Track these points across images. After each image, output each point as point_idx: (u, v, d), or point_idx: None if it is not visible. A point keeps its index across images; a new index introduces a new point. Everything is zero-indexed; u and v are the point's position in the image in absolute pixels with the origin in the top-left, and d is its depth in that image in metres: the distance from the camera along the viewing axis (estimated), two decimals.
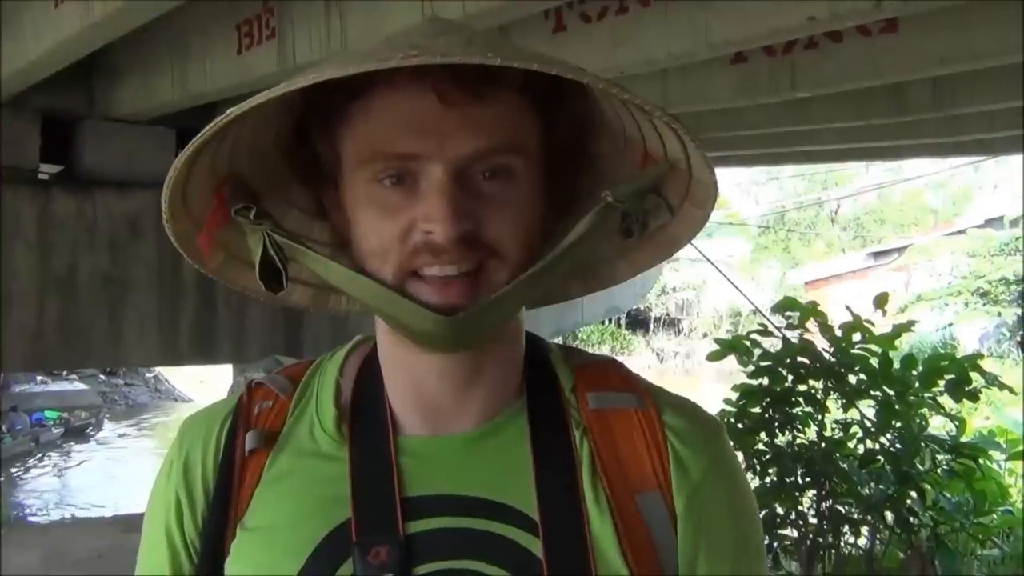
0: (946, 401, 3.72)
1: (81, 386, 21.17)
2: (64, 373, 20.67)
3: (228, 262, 0.89)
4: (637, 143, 0.83)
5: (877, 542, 3.89)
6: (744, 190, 33.68)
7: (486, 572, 0.78)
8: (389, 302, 0.77)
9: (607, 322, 25.13)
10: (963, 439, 3.81)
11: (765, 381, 3.83)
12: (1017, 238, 19.33)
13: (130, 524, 6.55)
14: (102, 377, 22.84)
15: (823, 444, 3.79)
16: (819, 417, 3.81)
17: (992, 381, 3.69)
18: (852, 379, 3.75)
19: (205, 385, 21.39)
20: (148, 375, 23.88)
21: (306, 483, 0.83)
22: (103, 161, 6.35)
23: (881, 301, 3.88)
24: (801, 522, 3.79)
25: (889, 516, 3.74)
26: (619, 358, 0.96)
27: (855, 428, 3.79)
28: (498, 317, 0.79)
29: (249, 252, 0.83)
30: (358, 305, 0.93)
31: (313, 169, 0.84)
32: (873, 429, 3.71)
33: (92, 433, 19.18)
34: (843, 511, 3.81)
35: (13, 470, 15.73)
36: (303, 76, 0.69)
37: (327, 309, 0.97)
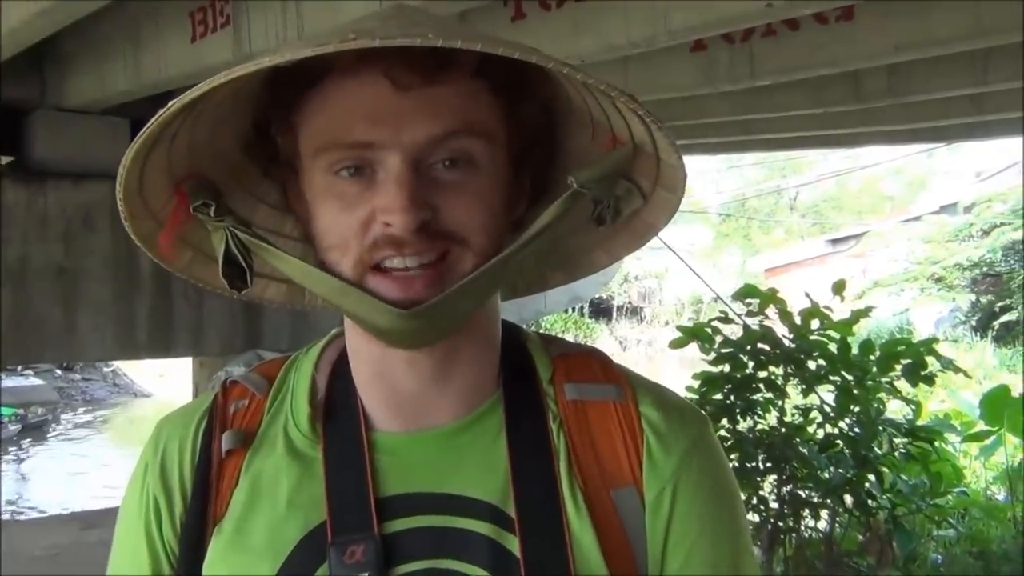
0: (903, 385, 3.78)
1: (37, 381, 20.82)
2: (19, 368, 20.30)
3: (196, 260, 0.87)
4: (604, 127, 0.81)
5: (837, 525, 3.94)
6: (706, 178, 33.93)
7: (463, 571, 0.77)
8: (348, 297, 0.75)
9: (570, 311, 25.21)
10: (919, 423, 3.88)
11: (726, 368, 3.86)
12: (971, 224, 19.69)
13: (87, 521, 6.46)
14: (59, 372, 22.47)
15: (783, 429, 3.83)
16: (779, 403, 3.86)
17: (947, 365, 3.75)
18: (811, 365, 3.80)
19: (164, 379, 21.14)
20: (106, 369, 23.53)
21: (282, 484, 0.81)
22: (55, 152, 6.22)
23: (839, 287, 3.93)
24: (762, 506, 3.83)
25: (848, 499, 3.79)
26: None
27: (814, 413, 3.84)
28: (462, 309, 0.76)
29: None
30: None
31: (275, 162, 0.83)
32: (832, 414, 3.76)
33: (49, 429, 18.89)
34: (803, 495, 3.86)
35: None
36: (242, 66, 0.67)
37: (303, 305, 0.95)
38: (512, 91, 0.78)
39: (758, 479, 3.79)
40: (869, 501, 3.69)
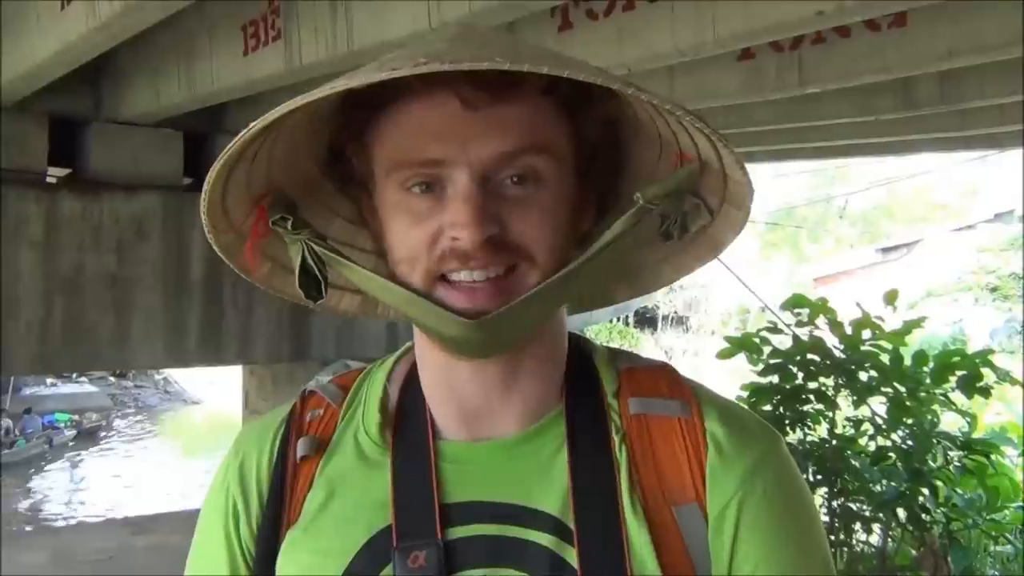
0: (957, 397, 3.70)
1: (91, 388, 21.30)
2: (74, 375, 20.77)
3: (275, 272, 0.91)
4: (671, 143, 0.82)
5: (890, 539, 3.86)
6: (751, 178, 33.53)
7: None
8: (418, 307, 0.77)
9: (616, 320, 25.11)
10: (975, 435, 3.79)
11: (775, 379, 3.81)
12: None
13: (139, 526, 6.58)
14: (111, 379, 22.96)
15: (834, 441, 3.77)
16: (830, 414, 3.80)
17: (1003, 376, 3.66)
18: (863, 376, 3.73)
19: (214, 387, 21.46)
20: (157, 377, 23.98)
21: (352, 489, 0.85)
22: (109, 163, 6.37)
23: (891, 297, 3.86)
24: None
25: (901, 513, 3.72)
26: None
27: (866, 425, 3.77)
28: (527, 321, 0.79)
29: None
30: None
31: (350, 181, 0.86)
32: (884, 426, 3.69)
33: (102, 435, 19.27)
34: (855, 508, 3.80)
35: (29, 472, 15.81)
36: (318, 90, 0.70)
37: (376, 316, 0.98)
38: (578, 108, 0.80)
39: (807, 488, 3.74)
40: (923, 515, 3.62)
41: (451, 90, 0.73)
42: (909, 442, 3.65)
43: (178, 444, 19.13)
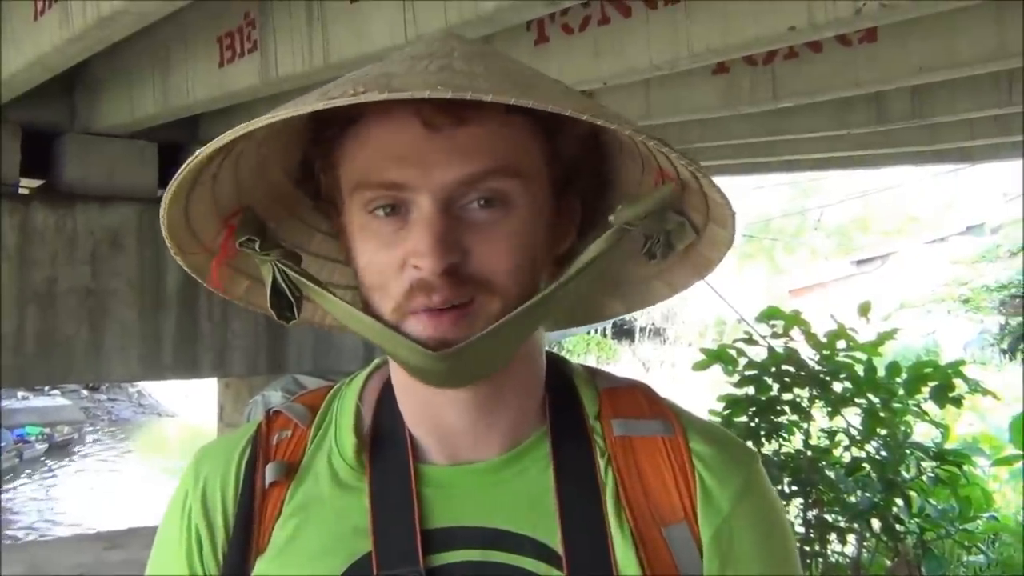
0: (930, 408, 3.73)
1: (63, 401, 21.01)
2: (46, 388, 20.49)
3: (254, 289, 0.88)
4: (652, 161, 0.81)
5: (864, 550, 3.89)
6: (729, 199, 33.72)
7: None
8: (387, 339, 0.76)
9: (593, 331, 25.13)
10: (947, 446, 3.83)
11: (751, 390, 3.84)
12: (998, 245, 19.49)
13: (112, 541, 6.50)
14: (85, 392, 22.67)
15: (809, 452, 3.80)
16: (805, 425, 3.83)
17: (976, 387, 3.71)
18: (837, 387, 3.77)
19: (189, 400, 21.25)
20: (131, 390, 23.71)
21: (327, 515, 0.82)
22: (84, 175, 6.30)
23: (864, 309, 3.90)
24: None
25: (876, 523, 3.75)
26: (604, 368, 0.95)
27: (841, 436, 3.81)
28: (495, 351, 0.76)
29: None
30: None
31: (320, 197, 0.85)
32: (859, 437, 3.73)
33: (75, 449, 19.02)
34: (830, 519, 3.82)
35: (1, 486, 15.57)
36: (268, 115, 0.69)
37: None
38: (551, 125, 0.78)
39: (784, 503, 3.76)
40: (897, 526, 3.65)
41: (413, 110, 0.72)
42: (883, 453, 3.68)
43: (152, 457, 18.93)
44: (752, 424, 3.78)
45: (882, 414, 3.65)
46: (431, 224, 0.72)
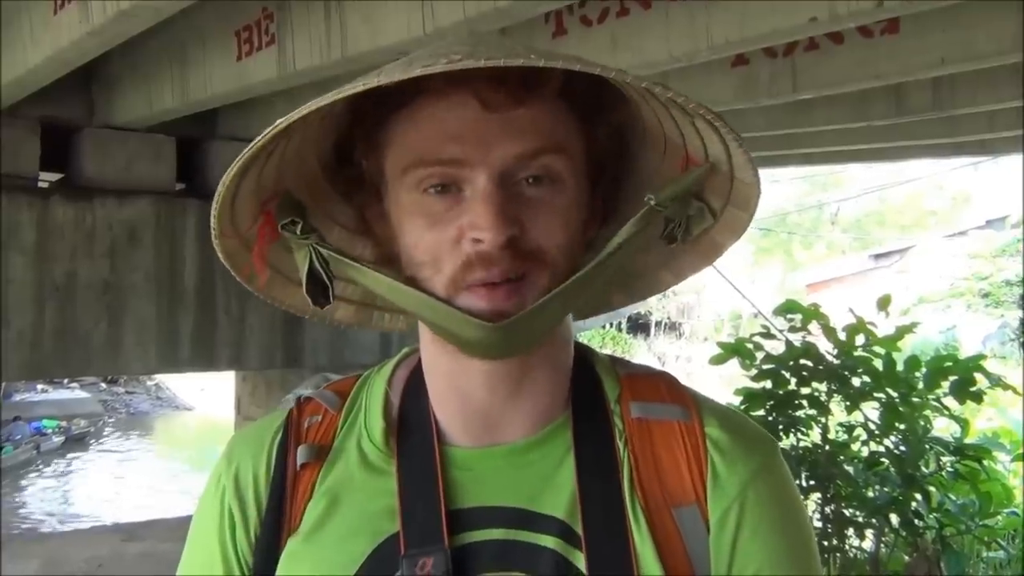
0: (950, 402, 3.71)
1: (82, 394, 21.20)
2: (65, 381, 20.67)
3: (274, 280, 0.90)
4: (678, 147, 0.82)
5: (882, 545, 3.87)
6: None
7: None
8: (438, 313, 0.77)
9: (608, 326, 25.11)
10: (967, 441, 3.80)
11: (768, 384, 3.82)
12: (1018, 240, 19.34)
13: (130, 533, 6.54)
14: (103, 385, 22.86)
15: (827, 447, 3.78)
16: (823, 420, 3.80)
17: (996, 382, 3.68)
18: (856, 381, 3.74)
19: (206, 393, 21.39)
20: (149, 383, 23.89)
21: (356, 497, 0.84)
22: (102, 169, 6.34)
23: (883, 303, 3.88)
24: None
25: (894, 519, 3.72)
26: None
27: (859, 431, 3.78)
28: (543, 324, 0.79)
29: (294, 269, 0.84)
30: (401, 321, 0.96)
31: (355, 184, 0.85)
32: (877, 431, 3.70)
33: (92, 441, 19.17)
34: (848, 514, 3.80)
35: (18, 479, 15.72)
36: (350, 86, 0.70)
37: (371, 327, 0.98)
38: (590, 113, 0.81)
39: (802, 497, 3.74)
40: (916, 521, 3.62)
41: (470, 91, 0.74)
42: (902, 448, 3.66)
43: (169, 450, 19.06)
44: (770, 418, 3.76)
45: (901, 408, 3.63)
46: (491, 198, 0.74)
